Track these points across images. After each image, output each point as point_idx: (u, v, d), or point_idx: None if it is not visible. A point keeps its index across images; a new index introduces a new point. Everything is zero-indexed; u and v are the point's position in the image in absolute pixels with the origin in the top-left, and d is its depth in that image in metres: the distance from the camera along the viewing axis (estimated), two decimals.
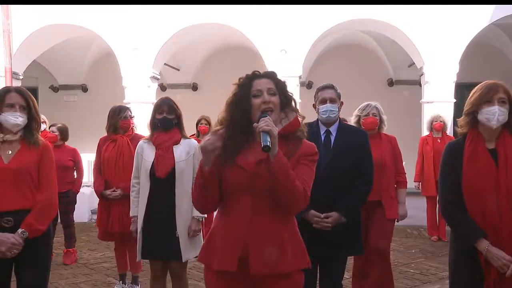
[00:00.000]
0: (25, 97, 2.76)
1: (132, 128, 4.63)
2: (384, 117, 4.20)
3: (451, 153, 2.52)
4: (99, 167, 4.62)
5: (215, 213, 2.28)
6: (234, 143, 2.10)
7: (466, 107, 2.51)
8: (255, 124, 2.00)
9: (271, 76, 2.19)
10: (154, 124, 3.60)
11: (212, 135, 2.10)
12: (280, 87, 2.16)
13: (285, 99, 2.17)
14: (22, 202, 2.68)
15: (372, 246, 3.92)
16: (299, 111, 2.22)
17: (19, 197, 2.68)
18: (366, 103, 4.22)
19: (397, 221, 4.26)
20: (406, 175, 4.40)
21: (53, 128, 5.80)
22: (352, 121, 4.20)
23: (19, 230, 2.63)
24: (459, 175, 2.41)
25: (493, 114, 2.38)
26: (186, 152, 3.55)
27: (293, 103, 2.20)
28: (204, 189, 2.09)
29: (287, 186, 1.98)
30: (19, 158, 2.71)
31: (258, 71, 2.21)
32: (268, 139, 1.92)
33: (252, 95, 2.11)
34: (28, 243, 2.66)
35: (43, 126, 5.55)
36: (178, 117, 3.61)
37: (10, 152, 2.73)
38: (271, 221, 2.08)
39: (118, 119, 4.50)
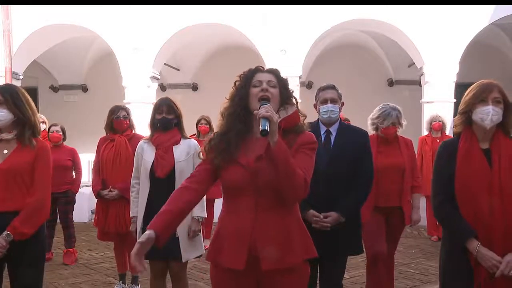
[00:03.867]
0: (1, 92, 2.65)
1: (130, 128, 4.63)
2: (404, 122, 4.01)
3: (445, 152, 2.50)
4: (98, 167, 4.63)
5: (215, 213, 2.29)
6: (234, 136, 2.12)
7: (460, 106, 2.50)
8: (255, 112, 2.01)
9: (274, 72, 2.21)
10: (154, 124, 3.60)
11: None
12: (281, 83, 2.19)
13: (286, 94, 2.19)
14: (8, 204, 2.61)
15: (386, 251, 3.92)
16: (300, 109, 2.22)
17: (7, 199, 2.62)
18: (384, 110, 3.94)
19: (410, 226, 4.21)
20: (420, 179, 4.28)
21: (57, 128, 5.79)
22: (369, 125, 4.05)
23: (4, 233, 2.57)
24: (452, 174, 2.40)
25: (487, 114, 2.35)
26: (186, 152, 3.55)
27: (293, 100, 2.21)
28: None
29: (288, 173, 1.98)
30: (11, 159, 2.65)
31: (262, 67, 2.24)
32: (267, 124, 1.92)
33: (252, 85, 2.15)
34: (19, 244, 2.60)
35: (42, 126, 5.55)
36: (178, 117, 3.60)
37: (6, 151, 2.68)
38: (276, 216, 2.09)
39: (112, 119, 4.54)
